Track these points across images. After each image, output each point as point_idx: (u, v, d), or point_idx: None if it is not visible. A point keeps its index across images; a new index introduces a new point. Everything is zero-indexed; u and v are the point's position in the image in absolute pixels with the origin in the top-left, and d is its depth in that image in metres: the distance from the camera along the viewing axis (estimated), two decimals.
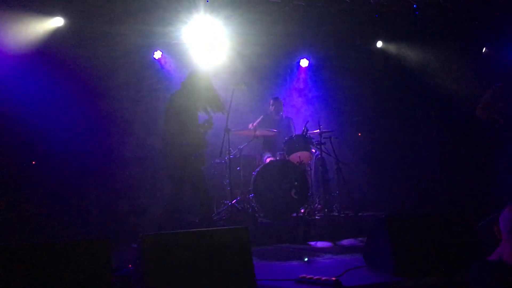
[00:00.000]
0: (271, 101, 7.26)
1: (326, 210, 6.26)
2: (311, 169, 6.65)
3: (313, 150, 6.66)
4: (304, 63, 8.52)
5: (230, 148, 6.10)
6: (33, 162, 6.55)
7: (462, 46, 7.77)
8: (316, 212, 6.28)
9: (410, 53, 8.24)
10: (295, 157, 6.31)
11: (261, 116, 7.20)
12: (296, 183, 6.03)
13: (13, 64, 6.28)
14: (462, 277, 3.19)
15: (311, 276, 3.45)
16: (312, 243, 5.49)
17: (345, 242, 5.46)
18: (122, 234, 5.90)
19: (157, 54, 7.62)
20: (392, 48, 8.33)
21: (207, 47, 7.40)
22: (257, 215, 6.00)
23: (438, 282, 3.39)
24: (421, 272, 3.48)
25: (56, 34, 6.75)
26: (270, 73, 8.40)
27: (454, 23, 7.62)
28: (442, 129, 7.93)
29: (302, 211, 6.15)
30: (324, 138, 6.52)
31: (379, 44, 8.33)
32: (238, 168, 6.37)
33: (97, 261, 2.95)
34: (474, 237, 3.70)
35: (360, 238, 5.48)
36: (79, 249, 2.95)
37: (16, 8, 6.30)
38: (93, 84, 6.99)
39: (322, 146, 6.45)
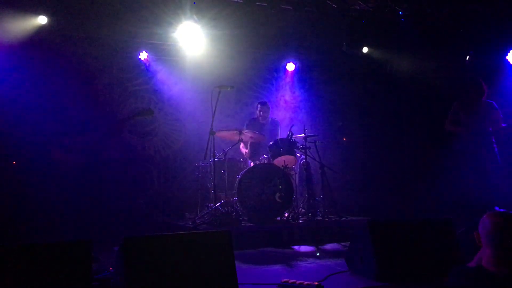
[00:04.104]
0: (258, 106, 7.22)
1: (310, 214, 6.27)
2: (295, 173, 6.66)
3: (298, 154, 6.67)
4: (290, 67, 8.54)
5: (215, 151, 6.08)
6: (14, 163, 6.44)
7: (446, 53, 7.89)
8: (300, 216, 6.28)
9: (395, 59, 8.33)
10: (279, 161, 6.31)
11: (246, 123, 7.18)
12: (280, 187, 6.02)
13: None
14: (442, 282, 3.22)
15: (294, 280, 3.45)
16: (296, 247, 5.49)
17: (329, 246, 5.47)
18: (104, 236, 5.83)
19: (143, 55, 7.56)
20: (378, 54, 8.41)
21: (193, 48, 7.38)
22: (241, 218, 5.98)
23: (419, 287, 3.42)
24: (403, 277, 3.51)
25: (39, 33, 6.65)
26: (256, 76, 8.42)
27: (439, 31, 7.73)
28: (425, 135, 8.02)
29: (286, 215, 6.15)
30: (309, 142, 6.53)
31: (365, 50, 8.40)
32: (222, 171, 6.34)
33: (77, 263, 2.92)
34: (455, 243, 3.74)
35: (343, 243, 5.50)
36: (59, 251, 2.91)
37: None
38: (77, 84, 6.91)
39: (307, 150, 6.47)
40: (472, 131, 6.19)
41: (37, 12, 6.59)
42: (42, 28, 6.67)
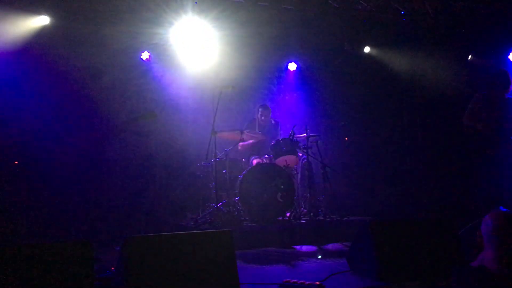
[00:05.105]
0: (260, 109, 7.20)
1: (311, 214, 6.27)
2: (297, 173, 6.65)
3: (300, 154, 6.67)
4: (292, 66, 8.53)
5: (217, 151, 6.08)
6: (16, 162, 6.45)
7: (448, 52, 7.88)
8: (301, 216, 6.28)
9: (397, 59, 8.32)
10: (281, 160, 6.31)
11: (246, 123, 7.18)
12: (282, 186, 6.02)
13: None
14: (444, 282, 3.22)
15: (295, 280, 3.44)
16: (297, 247, 5.48)
17: (330, 246, 5.47)
18: (105, 236, 5.84)
19: (145, 55, 7.56)
20: (380, 53, 8.40)
21: (194, 49, 7.38)
22: (242, 218, 5.98)
23: (420, 287, 3.41)
24: (404, 277, 3.50)
25: (41, 33, 6.65)
26: (258, 76, 8.39)
27: (441, 30, 7.72)
28: (427, 135, 8.02)
29: (288, 215, 6.14)
30: (310, 142, 6.54)
31: (367, 49, 8.39)
32: (224, 171, 6.35)
33: (79, 263, 2.92)
34: (457, 243, 3.73)
35: (345, 243, 5.49)
36: (61, 251, 2.91)
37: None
38: (79, 84, 6.92)
39: (309, 150, 6.47)
40: (494, 128, 5.73)
41: (39, 12, 6.60)
42: (44, 29, 6.68)
